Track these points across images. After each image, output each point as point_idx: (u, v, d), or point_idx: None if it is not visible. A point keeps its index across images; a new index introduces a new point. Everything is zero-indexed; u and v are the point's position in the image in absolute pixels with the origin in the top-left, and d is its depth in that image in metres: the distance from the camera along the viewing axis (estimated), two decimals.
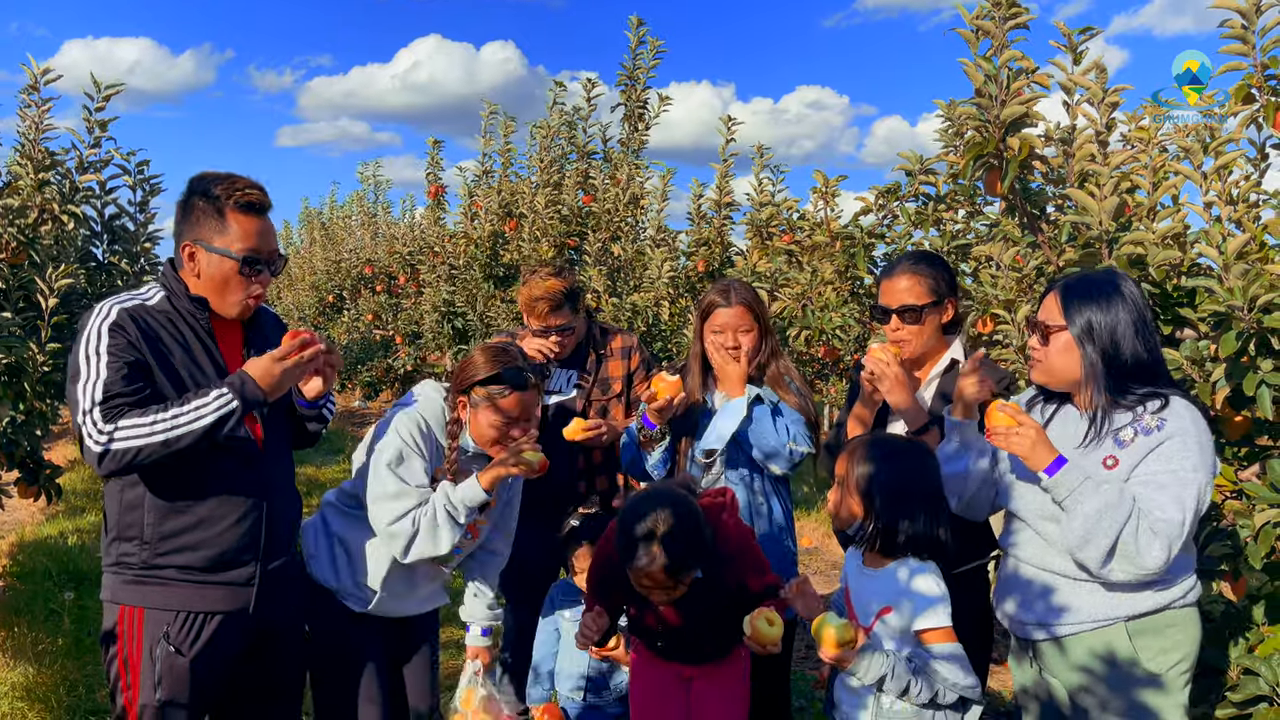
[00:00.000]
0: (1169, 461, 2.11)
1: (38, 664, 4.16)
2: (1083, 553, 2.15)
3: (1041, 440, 2.18)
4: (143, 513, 2.24)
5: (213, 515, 2.26)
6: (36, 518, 7.18)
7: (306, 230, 17.00)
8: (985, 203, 4.14)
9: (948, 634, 2.28)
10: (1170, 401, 2.17)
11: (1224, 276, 2.43)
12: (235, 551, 2.29)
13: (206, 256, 2.27)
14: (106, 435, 2.10)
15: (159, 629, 2.24)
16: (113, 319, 2.20)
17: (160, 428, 2.11)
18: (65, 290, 3.82)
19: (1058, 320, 2.25)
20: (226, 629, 2.31)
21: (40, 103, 4.04)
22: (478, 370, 2.57)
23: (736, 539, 2.53)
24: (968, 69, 2.79)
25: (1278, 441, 2.68)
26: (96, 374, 2.14)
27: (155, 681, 2.23)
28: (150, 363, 2.20)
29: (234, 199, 2.26)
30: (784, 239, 4.97)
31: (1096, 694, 2.24)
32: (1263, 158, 2.86)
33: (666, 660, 2.62)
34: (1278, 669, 2.32)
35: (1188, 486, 2.09)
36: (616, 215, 6.69)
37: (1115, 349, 2.19)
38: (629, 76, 6.70)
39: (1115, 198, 2.66)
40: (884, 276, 2.86)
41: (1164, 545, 2.07)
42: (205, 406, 2.14)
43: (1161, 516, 2.08)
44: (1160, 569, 2.10)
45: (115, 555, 2.28)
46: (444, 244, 9.34)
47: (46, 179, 4.05)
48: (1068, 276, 2.38)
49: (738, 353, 2.94)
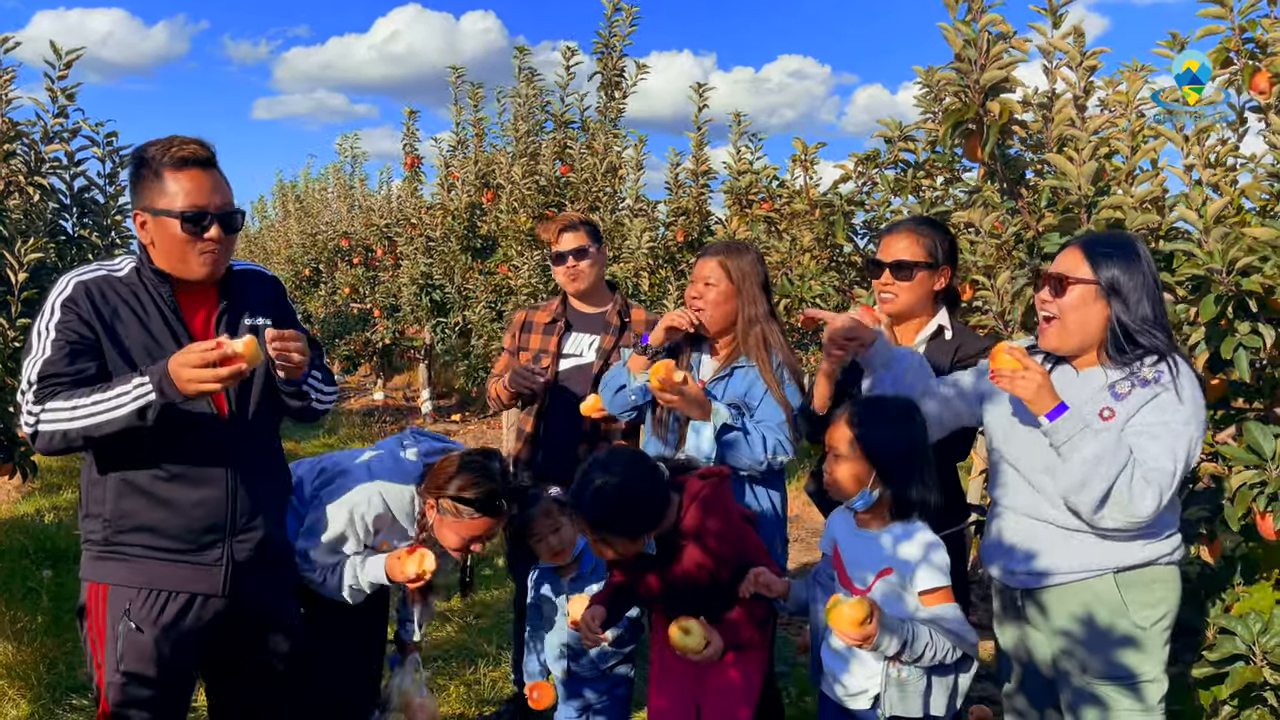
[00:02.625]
0: (1163, 413, 2.15)
1: (17, 642, 4.14)
2: (1077, 497, 2.18)
3: (1046, 385, 2.20)
4: (104, 490, 2.21)
5: (172, 494, 2.21)
6: (12, 496, 7.11)
7: (280, 203, 16.82)
8: (964, 169, 4.13)
9: (949, 594, 2.31)
10: (1167, 357, 2.21)
11: (1203, 240, 2.44)
12: (199, 531, 2.24)
13: (154, 221, 2.19)
14: (35, 417, 2.09)
15: (120, 606, 2.22)
16: (67, 294, 2.16)
17: (80, 413, 2.07)
18: (35, 264, 3.75)
19: (1083, 273, 2.24)
20: (194, 609, 2.27)
21: (1, 73, 3.95)
22: (455, 485, 2.60)
23: (705, 522, 2.50)
24: (947, 33, 2.77)
25: (1254, 404, 2.70)
26: (41, 352, 2.12)
27: (118, 657, 2.21)
28: (101, 339, 2.15)
29: (168, 156, 2.18)
30: (763, 206, 4.96)
31: (1077, 653, 2.27)
32: (1241, 121, 2.87)
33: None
34: (1254, 628, 2.36)
35: (1180, 439, 2.14)
36: (594, 185, 6.65)
37: (1132, 306, 2.21)
38: (605, 45, 6.64)
39: (1094, 162, 2.66)
40: (886, 234, 2.90)
41: (1156, 494, 2.12)
42: (125, 395, 2.07)
43: (1155, 465, 2.13)
44: (1151, 516, 2.14)
45: (85, 532, 2.27)
46: (421, 216, 9.27)
47: (12, 150, 3.97)
48: (1086, 234, 2.38)
49: (697, 302, 2.95)
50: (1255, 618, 2.36)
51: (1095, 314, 2.24)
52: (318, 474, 2.72)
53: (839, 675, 2.40)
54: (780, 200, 4.96)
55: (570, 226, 3.49)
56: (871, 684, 2.35)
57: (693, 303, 2.96)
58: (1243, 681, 2.35)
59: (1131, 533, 2.20)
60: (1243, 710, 2.41)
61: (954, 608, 2.32)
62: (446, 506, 2.61)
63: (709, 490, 2.52)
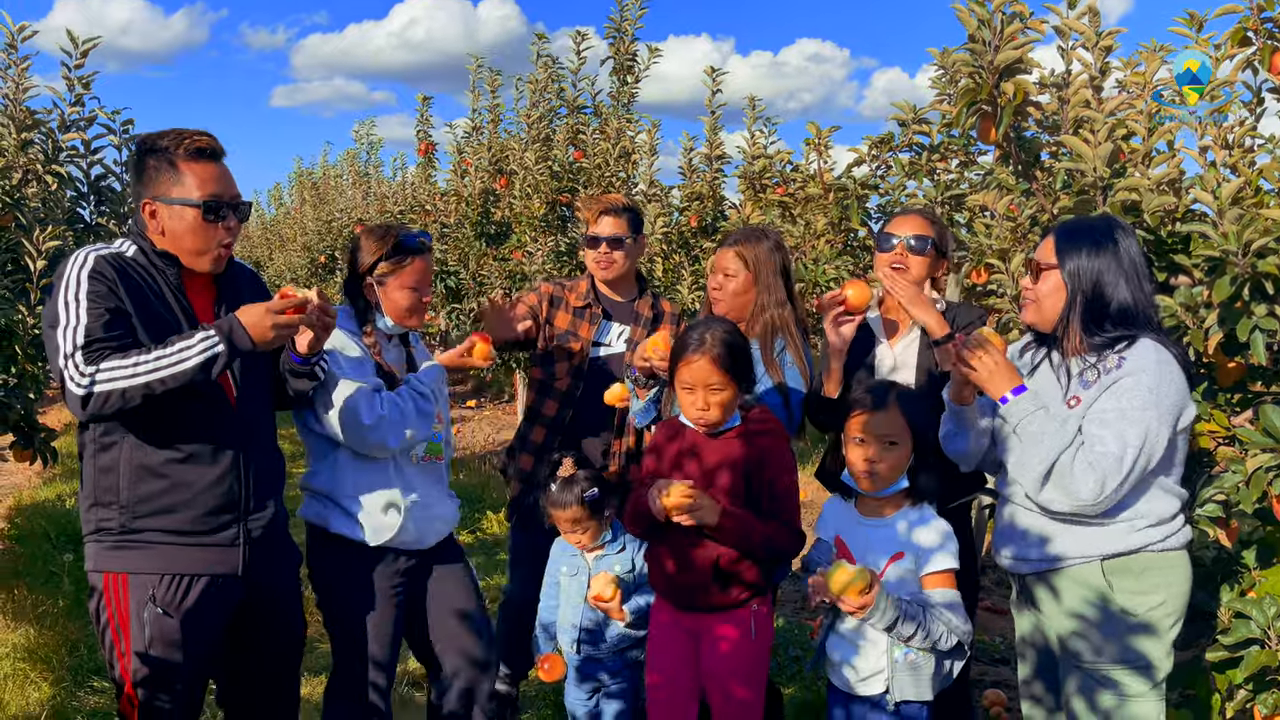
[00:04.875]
0: (1119, 399, 2.16)
1: (38, 625, 4.19)
2: (1023, 476, 2.24)
3: (1001, 369, 2.24)
4: (117, 476, 2.22)
5: (189, 476, 2.24)
6: (33, 481, 7.19)
7: (297, 190, 16.86)
8: (979, 152, 4.11)
9: (951, 579, 2.32)
10: (1136, 342, 2.21)
11: (1219, 221, 2.41)
12: (215, 511, 2.27)
13: (167, 210, 2.23)
14: (89, 378, 2.07)
15: (144, 592, 2.23)
16: (91, 265, 2.17)
17: (143, 369, 2.08)
18: (53, 252, 3.79)
19: (1050, 260, 2.30)
20: (215, 590, 2.30)
21: (19, 61, 3.98)
22: (373, 250, 2.64)
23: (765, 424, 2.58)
24: (961, 14, 2.75)
25: (1271, 387, 2.68)
26: (77, 319, 2.11)
27: (146, 645, 2.23)
28: (130, 309, 2.17)
29: (183, 148, 2.23)
30: (777, 191, 4.94)
31: (1084, 636, 2.28)
32: (1259, 102, 2.83)
33: (680, 610, 2.62)
34: (1269, 612, 2.34)
35: (1134, 425, 2.13)
36: (607, 170, 6.64)
37: (1098, 292, 2.24)
38: (617, 29, 6.61)
39: (1109, 144, 2.63)
40: (895, 216, 2.96)
41: (1098, 479, 2.13)
42: (190, 349, 2.10)
43: (1101, 450, 2.13)
44: (1094, 502, 2.15)
45: (95, 522, 2.26)
46: (435, 202, 9.27)
47: (30, 139, 4.00)
48: (1066, 220, 2.39)
49: (718, 294, 3.00)
50: (1270, 601, 2.34)
51: (1063, 299, 2.28)
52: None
53: (849, 660, 2.41)
54: (794, 185, 4.94)
55: (612, 210, 3.32)
56: (883, 666, 2.35)
57: (713, 294, 3.03)
58: (1257, 666, 2.34)
59: (1111, 518, 2.22)
60: (1258, 694, 2.40)
61: (955, 594, 2.32)
62: (382, 271, 2.64)
63: (775, 422, 2.61)
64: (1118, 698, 2.24)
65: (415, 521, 2.64)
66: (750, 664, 2.57)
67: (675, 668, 2.62)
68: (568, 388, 3.33)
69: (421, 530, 2.67)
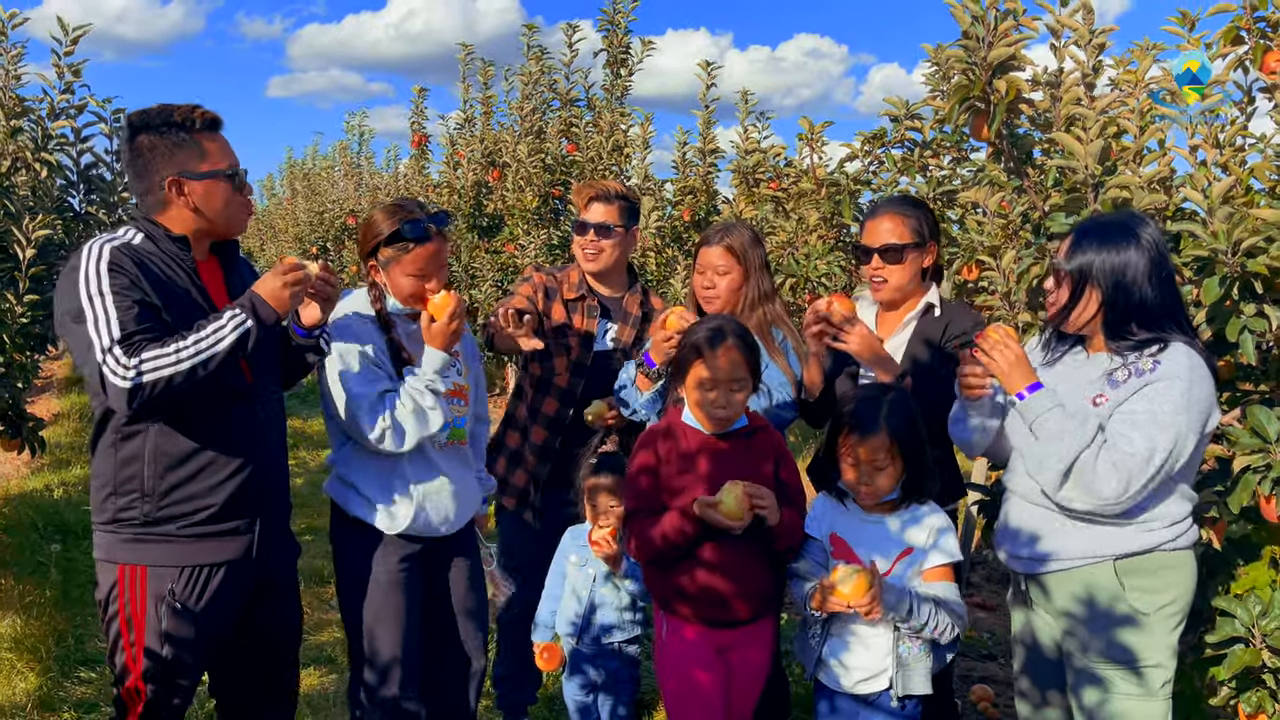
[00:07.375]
0: (1151, 402, 2.14)
1: (26, 615, 4.17)
2: (1041, 475, 2.22)
3: (1022, 364, 2.23)
4: (142, 465, 2.20)
5: (214, 462, 2.24)
6: (21, 471, 7.16)
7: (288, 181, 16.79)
8: (971, 149, 4.11)
9: (951, 571, 2.33)
10: (1169, 345, 2.18)
11: (1208, 220, 2.42)
12: (236, 498, 2.27)
13: (200, 184, 2.24)
14: (134, 369, 2.04)
15: (162, 586, 2.22)
16: (108, 258, 2.14)
17: (186, 354, 2.07)
18: (42, 241, 3.77)
19: (1069, 261, 2.27)
20: (231, 578, 2.30)
21: (9, 49, 3.95)
22: (379, 231, 2.55)
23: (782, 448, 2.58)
24: (955, 11, 2.75)
25: (1259, 387, 2.69)
26: (105, 313, 2.08)
27: (160, 639, 2.22)
28: (155, 299, 2.15)
29: (198, 122, 2.25)
30: (770, 186, 4.94)
31: (1080, 635, 2.28)
32: (1249, 101, 2.84)
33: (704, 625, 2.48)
34: (1253, 610, 2.35)
35: (1165, 430, 2.11)
36: (601, 163, 6.62)
37: (1121, 291, 2.20)
38: (610, 21, 6.59)
39: (1101, 141, 2.64)
40: (868, 218, 2.86)
41: (1122, 479, 2.11)
42: (223, 328, 2.11)
43: (1128, 450, 2.11)
44: (1115, 501, 2.14)
45: (112, 512, 2.23)
46: (428, 194, 9.25)
47: (19, 126, 3.98)
48: (1090, 218, 2.39)
49: (711, 293, 2.90)
50: (1255, 600, 2.35)
51: (1086, 300, 2.25)
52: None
53: (839, 657, 2.40)
54: (787, 180, 4.93)
55: (603, 196, 3.14)
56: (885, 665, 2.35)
57: (704, 293, 2.92)
58: (1242, 664, 2.34)
59: (1128, 519, 2.21)
60: (1242, 692, 2.41)
61: (954, 587, 2.34)
62: (385, 256, 2.55)
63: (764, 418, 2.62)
64: (1126, 698, 2.24)
65: (435, 508, 2.61)
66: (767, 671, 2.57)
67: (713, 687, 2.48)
68: (568, 384, 3.19)
69: (441, 516, 2.63)
